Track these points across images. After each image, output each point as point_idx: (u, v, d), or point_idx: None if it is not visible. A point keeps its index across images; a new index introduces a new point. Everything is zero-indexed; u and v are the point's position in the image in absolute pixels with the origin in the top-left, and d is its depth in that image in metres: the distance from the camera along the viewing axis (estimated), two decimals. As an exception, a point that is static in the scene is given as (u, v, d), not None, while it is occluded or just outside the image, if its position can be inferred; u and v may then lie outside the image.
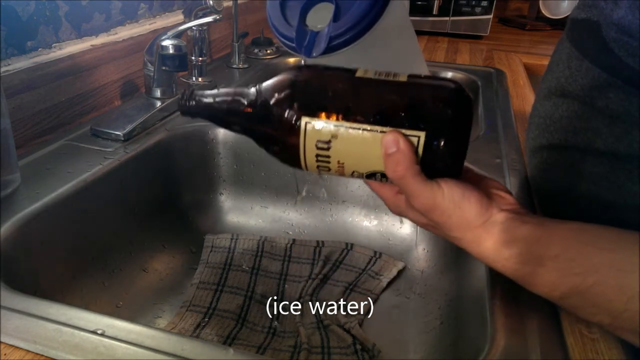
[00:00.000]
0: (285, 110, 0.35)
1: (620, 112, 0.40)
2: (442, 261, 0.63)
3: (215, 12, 0.74)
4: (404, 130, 0.33)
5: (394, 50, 0.36)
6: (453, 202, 0.34)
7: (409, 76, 0.35)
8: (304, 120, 0.34)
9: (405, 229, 0.71)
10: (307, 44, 0.40)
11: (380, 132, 0.33)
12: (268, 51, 1.08)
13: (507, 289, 0.41)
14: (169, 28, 0.72)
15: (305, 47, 0.40)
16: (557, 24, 1.51)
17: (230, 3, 0.98)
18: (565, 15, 1.43)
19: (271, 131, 0.36)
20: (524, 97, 0.90)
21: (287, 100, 0.35)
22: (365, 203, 0.72)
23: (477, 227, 0.35)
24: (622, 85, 0.39)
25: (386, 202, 0.40)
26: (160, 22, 0.88)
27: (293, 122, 0.35)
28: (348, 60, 0.38)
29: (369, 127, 0.33)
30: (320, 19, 0.41)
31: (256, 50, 1.08)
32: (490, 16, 1.34)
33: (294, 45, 0.40)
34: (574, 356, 0.35)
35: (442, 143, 0.33)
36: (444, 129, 0.33)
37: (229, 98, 0.37)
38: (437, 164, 0.35)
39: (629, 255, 0.31)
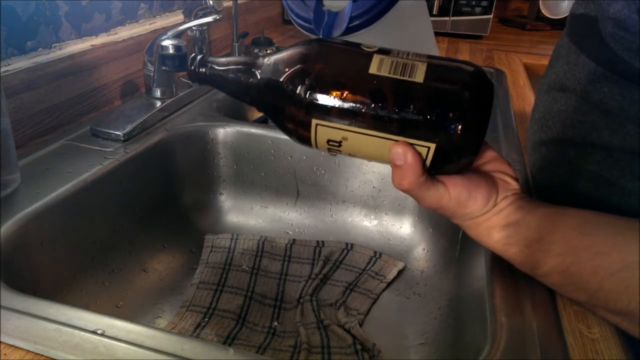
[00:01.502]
0: (297, 106, 0.34)
1: (614, 106, 0.40)
2: (442, 261, 0.63)
3: (215, 12, 0.74)
4: (413, 141, 0.33)
5: (411, 31, 0.36)
6: (459, 202, 0.37)
7: (427, 70, 0.33)
8: (314, 122, 0.34)
9: (405, 229, 0.71)
10: (326, 24, 0.38)
11: (391, 139, 0.33)
12: (268, 51, 1.08)
13: (507, 289, 0.41)
14: (169, 28, 0.72)
15: (324, 28, 0.39)
16: (557, 24, 1.51)
17: (230, 3, 0.98)
18: (565, 15, 1.42)
19: (282, 116, 0.36)
20: (523, 97, 0.90)
21: (300, 92, 0.34)
22: (365, 203, 0.72)
23: (479, 216, 0.38)
24: (617, 79, 0.40)
25: None
26: (160, 22, 0.88)
27: (304, 119, 0.35)
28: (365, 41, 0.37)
29: (380, 134, 0.33)
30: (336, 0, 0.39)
31: (256, 50, 1.08)
32: (490, 16, 1.34)
33: (311, 26, 0.39)
34: (574, 356, 0.35)
35: (452, 155, 0.33)
36: (456, 142, 0.32)
37: (242, 68, 0.37)
38: (446, 170, 0.35)
39: (608, 239, 0.34)
